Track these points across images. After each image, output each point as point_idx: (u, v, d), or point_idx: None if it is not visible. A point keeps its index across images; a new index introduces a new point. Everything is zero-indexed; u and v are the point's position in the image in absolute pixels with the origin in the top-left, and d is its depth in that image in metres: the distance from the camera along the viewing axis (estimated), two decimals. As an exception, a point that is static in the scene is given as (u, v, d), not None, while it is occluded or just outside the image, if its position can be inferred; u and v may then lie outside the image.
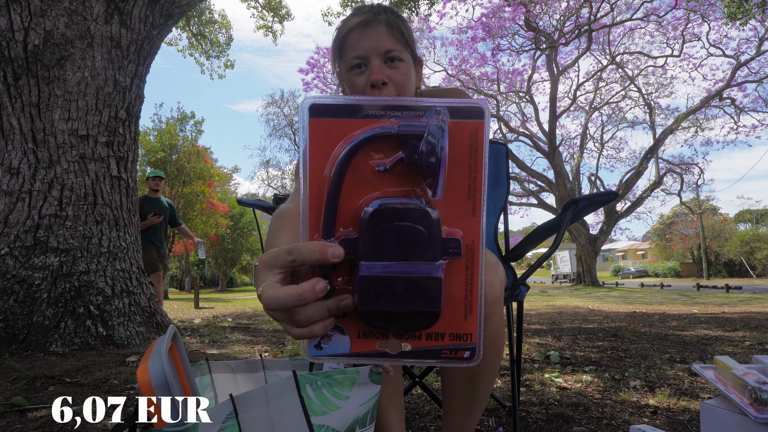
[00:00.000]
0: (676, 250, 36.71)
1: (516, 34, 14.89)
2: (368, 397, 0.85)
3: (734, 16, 8.08)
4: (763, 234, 29.44)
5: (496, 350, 0.91)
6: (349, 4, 8.14)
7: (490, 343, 0.90)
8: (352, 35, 0.92)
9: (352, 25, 0.92)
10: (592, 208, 1.17)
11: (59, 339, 2.60)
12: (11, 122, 2.83)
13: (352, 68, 0.93)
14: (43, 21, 2.84)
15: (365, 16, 0.92)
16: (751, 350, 2.71)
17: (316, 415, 0.78)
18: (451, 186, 0.42)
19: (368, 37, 0.91)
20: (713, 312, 5.65)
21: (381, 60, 0.91)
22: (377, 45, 0.90)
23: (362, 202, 0.42)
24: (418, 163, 0.40)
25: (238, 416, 0.69)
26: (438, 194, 0.40)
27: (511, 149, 15.79)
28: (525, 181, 18.74)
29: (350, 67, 0.93)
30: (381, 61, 0.91)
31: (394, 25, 0.93)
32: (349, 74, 0.93)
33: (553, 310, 6.29)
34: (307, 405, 0.77)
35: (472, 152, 0.41)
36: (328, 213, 0.42)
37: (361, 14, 0.93)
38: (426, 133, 0.40)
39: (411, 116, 0.41)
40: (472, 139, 0.41)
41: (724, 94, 15.33)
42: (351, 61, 0.92)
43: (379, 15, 0.93)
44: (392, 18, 0.94)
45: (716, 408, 1.04)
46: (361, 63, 0.92)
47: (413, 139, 0.40)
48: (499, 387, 1.96)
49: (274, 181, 26.71)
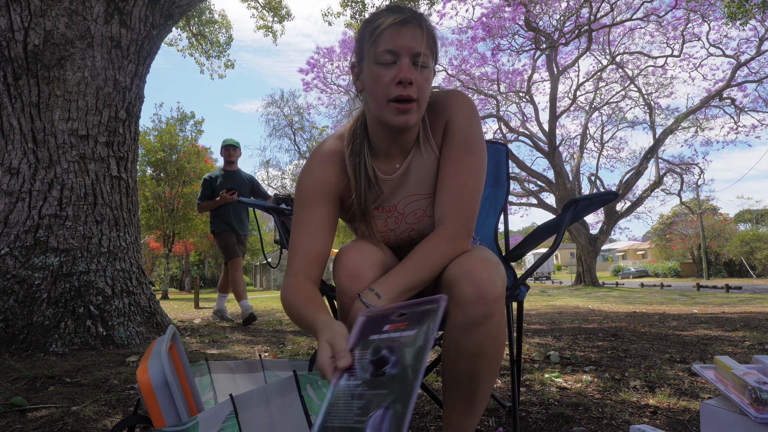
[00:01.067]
0: (676, 250, 36.71)
1: (516, 34, 14.89)
2: None
3: (734, 16, 8.08)
4: (763, 234, 29.44)
5: (497, 350, 0.91)
6: (349, 4, 8.14)
7: (491, 343, 0.90)
8: (389, 30, 0.92)
9: (389, 20, 0.93)
10: (592, 208, 1.17)
11: (59, 339, 2.60)
12: (11, 122, 2.83)
13: (380, 62, 0.93)
14: (43, 21, 2.84)
15: (405, 15, 0.93)
16: (751, 350, 2.72)
17: (315, 415, 0.78)
18: None
19: (404, 36, 0.92)
20: (713, 312, 5.65)
21: (410, 60, 0.92)
22: (412, 45, 0.91)
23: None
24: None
25: (238, 416, 0.69)
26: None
27: (511, 149, 15.67)
28: (525, 181, 18.73)
29: (379, 60, 0.93)
30: (410, 62, 0.92)
31: (429, 32, 0.95)
32: (376, 66, 0.93)
33: (553, 310, 6.29)
34: (307, 404, 0.77)
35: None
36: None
37: (400, 12, 0.94)
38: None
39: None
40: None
41: (724, 94, 15.32)
42: (382, 54, 0.93)
43: (418, 17, 0.94)
44: (427, 24, 0.95)
45: (716, 408, 1.04)
46: (393, 60, 0.92)
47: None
48: (499, 387, 1.97)
49: (274, 181, 26.70)
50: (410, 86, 0.91)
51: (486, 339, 0.90)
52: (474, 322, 0.89)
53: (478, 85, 16.88)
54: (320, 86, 18.17)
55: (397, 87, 0.91)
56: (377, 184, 1.05)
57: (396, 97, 0.91)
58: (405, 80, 0.90)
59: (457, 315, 0.91)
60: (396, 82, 0.91)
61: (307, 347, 2.96)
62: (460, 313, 0.90)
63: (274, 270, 30.73)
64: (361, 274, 0.94)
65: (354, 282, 0.94)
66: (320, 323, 0.78)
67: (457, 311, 0.90)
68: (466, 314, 0.89)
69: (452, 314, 0.92)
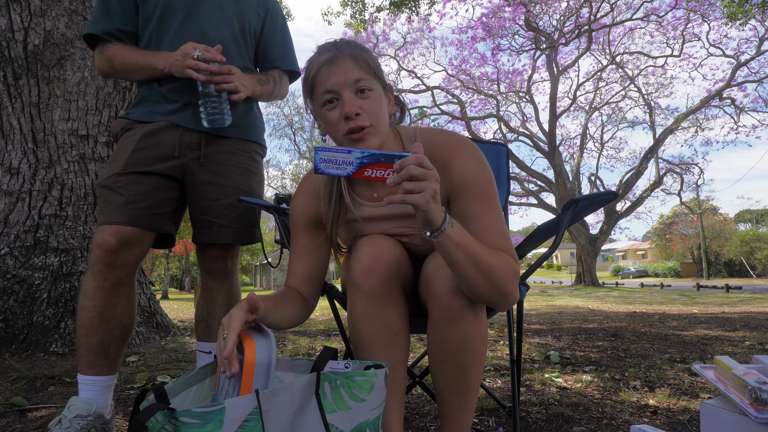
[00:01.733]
0: (676, 250, 36.70)
1: (516, 34, 14.90)
2: (381, 401, 0.85)
3: (734, 16, 8.08)
4: (763, 234, 29.43)
5: (482, 342, 0.95)
6: (349, 4, 8.14)
7: (474, 335, 0.94)
8: (321, 72, 0.95)
9: (319, 62, 0.95)
10: (592, 208, 1.17)
11: (59, 339, 2.60)
12: (11, 122, 2.83)
13: (324, 104, 0.96)
14: (43, 21, 2.84)
15: (330, 53, 0.95)
16: (751, 350, 2.72)
17: (327, 413, 0.79)
18: None
19: (336, 72, 0.93)
20: (713, 312, 5.65)
21: (351, 92, 0.94)
22: (345, 78, 0.93)
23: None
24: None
25: (262, 411, 0.71)
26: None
27: (511, 149, 15.71)
28: (525, 181, 18.73)
29: (323, 103, 0.96)
30: (351, 93, 0.94)
31: (360, 57, 0.96)
32: (323, 110, 0.96)
33: (553, 310, 6.30)
34: (322, 401, 0.79)
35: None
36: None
37: (327, 51, 0.96)
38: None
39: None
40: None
41: (724, 94, 15.33)
42: (323, 97, 0.95)
43: (343, 49, 0.96)
44: (356, 51, 0.97)
45: (716, 408, 1.04)
46: (332, 98, 0.95)
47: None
48: (499, 387, 1.97)
49: (274, 181, 26.72)
50: (357, 117, 0.93)
51: (468, 332, 0.93)
52: (452, 316, 0.92)
53: (478, 85, 16.89)
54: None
55: (346, 122, 0.93)
56: (355, 208, 1.06)
57: (347, 131, 0.93)
58: (350, 114, 0.92)
59: (435, 308, 0.94)
60: (343, 118, 0.93)
61: (308, 347, 2.96)
62: (437, 306, 0.93)
63: (274, 270, 30.74)
64: (376, 270, 0.96)
65: (368, 277, 0.96)
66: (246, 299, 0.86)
67: (435, 304, 0.94)
68: (444, 307, 0.92)
69: (431, 308, 0.96)
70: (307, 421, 0.76)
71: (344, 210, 1.07)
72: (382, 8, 7.68)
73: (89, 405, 1.16)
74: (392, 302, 0.98)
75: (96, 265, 1.20)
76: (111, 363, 1.23)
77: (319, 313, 6.84)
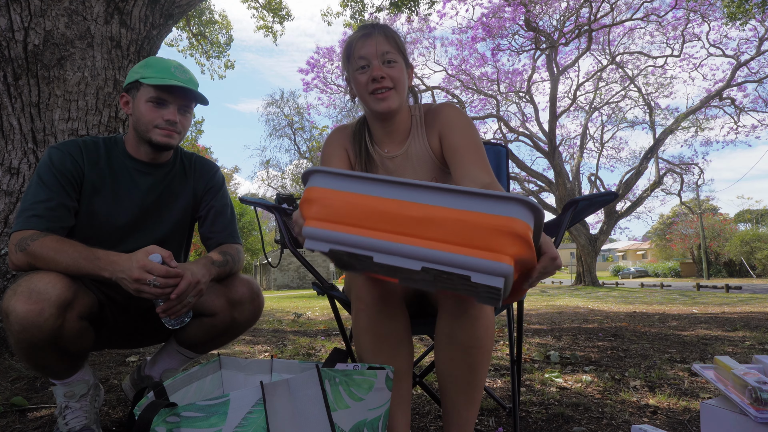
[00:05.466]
0: (676, 250, 36.69)
1: (516, 34, 14.89)
2: (380, 402, 0.85)
3: (734, 16, 8.08)
4: (763, 234, 29.42)
5: (490, 338, 0.98)
6: (349, 4, 8.13)
7: (484, 332, 0.96)
8: (357, 44, 1.17)
9: (357, 36, 1.18)
10: (592, 208, 1.17)
11: (59, 339, 2.60)
12: (11, 122, 2.83)
13: (357, 69, 1.17)
14: (43, 21, 2.84)
15: (367, 30, 1.18)
16: (751, 350, 2.72)
17: (336, 411, 0.79)
18: None
19: (369, 44, 1.15)
20: (713, 312, 5.65)
21: (380, 61, 1.15)
22: (377, 49, 1.15)
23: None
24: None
25: (266, 403, 0.72)
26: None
27: (511, 149, 15.72)
28: (525, 181, 18.73)
29: (356, 68, 1.17)
30: (380, 62, 1.15)
31: (390, 36, 1.18)
32: (356, 73, 1.18)
33: (553, 310, 6.30)
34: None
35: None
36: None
37: (364, 29, 1.19)
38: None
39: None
40: None
41: (724, 94, 15.32)
42: (357, 63, 1.17)
43: (378, 28, 1.19)
44: (388, 31, 1.19)
45: (716, 408, 1.04)
46: (365, 64, 1.16)
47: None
48: (499, 387, 1.97)
49: (274, 181, 26.73)
50: (383, 80, 1.14)
51: (481, 328, 0.95)
52: (465, 312, 0.94)
53: (478, 85, 16.88)
54: (320, 86, 18.16)
55: (373, 83, 1.15)
56: (381, 161, 1.23)
57: (374, 89, 1.15)
58: (377, 77, 1.14)
59: (447, 305, 0.97)
60: (371, 80, 1.15)
61: (308, 347, 2.96)
62: (449, 302, 0.96)
63: (274, 270, 30.71)
64: (377, 284, 1.01)
65: (370, 290, 1.01)
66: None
67: (447, 300, 0.97)
68: (457, 303, 0.94)
69: (442, 304, 0.99)
70: (309, 416, 0.77)
71: (372, 160, 1.24)
72: (382, 8, 7.67)
73: (85, 384, 1.28)
74: (394, 314, 1.01)
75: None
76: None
77: (320, 313, 6.84)
